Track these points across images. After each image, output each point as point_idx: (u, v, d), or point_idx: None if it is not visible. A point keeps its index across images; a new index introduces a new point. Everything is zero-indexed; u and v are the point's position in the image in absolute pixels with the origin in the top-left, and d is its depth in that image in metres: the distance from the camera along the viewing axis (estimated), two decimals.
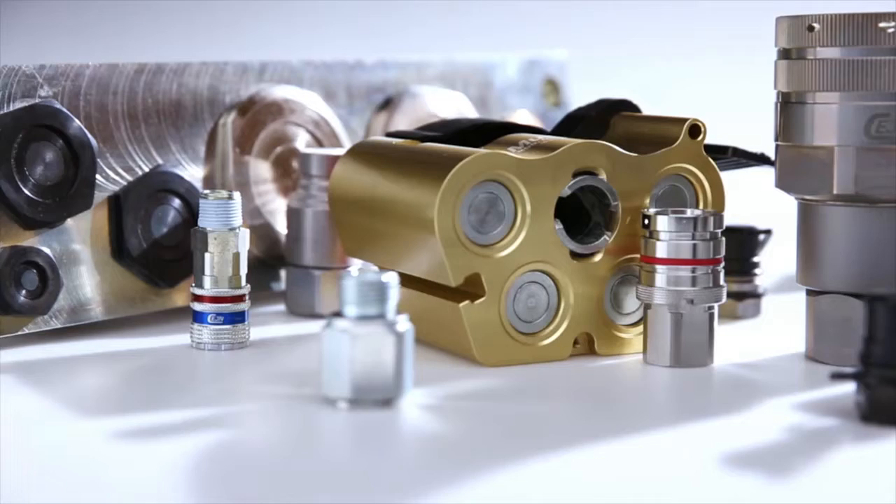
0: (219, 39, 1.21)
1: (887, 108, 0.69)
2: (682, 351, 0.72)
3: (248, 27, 1.22)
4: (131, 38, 1.16)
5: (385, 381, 0.62)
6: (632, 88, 1.17)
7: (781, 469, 0.54)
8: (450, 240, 0.70)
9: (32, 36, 1.18)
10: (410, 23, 1.25)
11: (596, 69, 1.14)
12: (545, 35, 1.25)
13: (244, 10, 1.21)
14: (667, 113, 0.78)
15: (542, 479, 0.54)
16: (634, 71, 1.24)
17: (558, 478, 0.54)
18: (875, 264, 0.70)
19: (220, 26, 1.21)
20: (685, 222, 0.71)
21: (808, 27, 0.70)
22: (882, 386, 0.59)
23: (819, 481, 0.54)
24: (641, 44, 1.26)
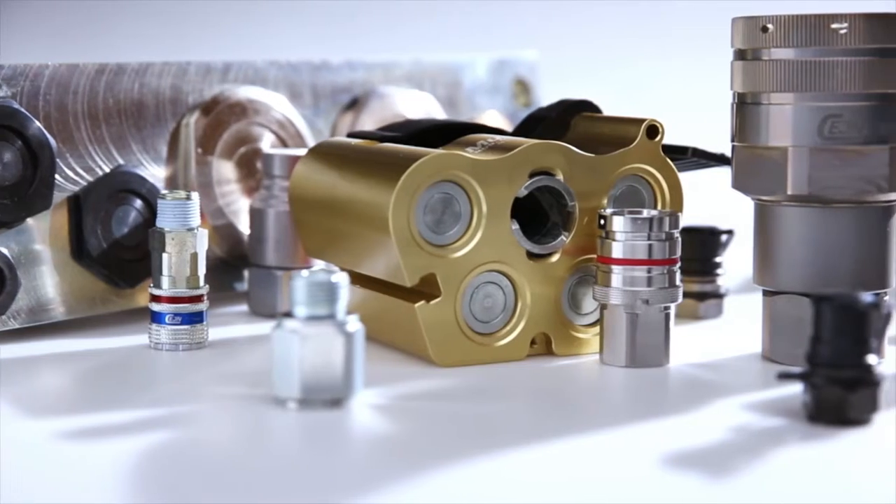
0: (182, 39, 1.21)
1: (840, 109, 0.69)
2: (638, 351, 0.72)
3: (213, 27, 1.21)
4: (92, 39, 1.16)
5: (334, 381, 0.62)
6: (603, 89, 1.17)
7: (722, 469, 0.55)
8: (405, 240, 0.70)
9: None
10: (378, 23, 1.25)
11: (567, 70, 1.14)
12: (516, 36, 1.25)
13: (208, 9, 1.21)
14: (635, 114, 0.78)
15: (489, 479, 0.55)
16: (606, 71, 1.24)
17: (505, 478, 0.55)
18: (830, 264, 0.71)
19: (184, 26, 1.21)
20: (640, 223, 0.71)
21: (762, 28, 0.70)
22: (827, 386, 0.59)
23: (760, 481, 0.54)
24: (613, 44, 1.26)
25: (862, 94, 0.69)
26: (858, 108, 0.69)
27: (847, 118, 0.69)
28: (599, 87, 1.21)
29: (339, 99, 0.94)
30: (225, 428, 0.62)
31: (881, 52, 0.69)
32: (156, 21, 1.19)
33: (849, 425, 0.60)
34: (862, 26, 0.69)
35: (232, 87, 0.87)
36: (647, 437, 0.59)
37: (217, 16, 1.21)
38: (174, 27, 1.19)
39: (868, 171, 0.69)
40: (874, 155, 0.69)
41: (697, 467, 0.55)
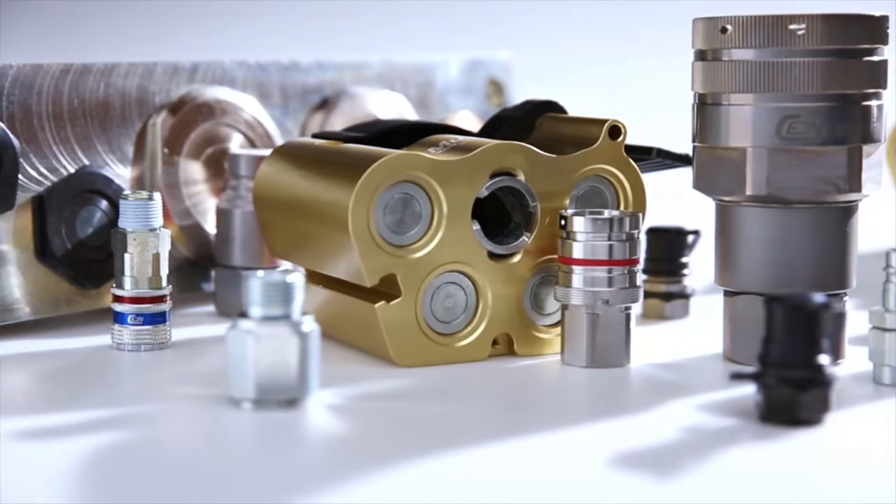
0: (149, 40, 1.21)
1: (798, 110, 0.69)
2: (598, 351, 0.72)
3: (180, 27, 1.21)
4: (57, 39, 1.16)
5: (289, 381, 0.62)
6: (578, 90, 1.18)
7: (669, 469, 0.55)
8: (365, 240, 0.70)
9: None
10: (349, 24, 1.25)
11: (541, 70, 1.14)
12: (489, 36, 1.25)
13: (176, 10, 1.21)
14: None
15: (439, 479, 0.55)
16: (581, 72, 1.24)
17: (454, 478, 0.55)
18: (790, 265, 0.71)
19: (151, 26, 1.21)
20: (601, 223, 0.71)
21: (721, 29, 0.70)
22: (779, 386, 0.60)
23: (707, 481, 0.54)
24: (587, 45, 1.26)
25: (820, 94, 0.69)
26: (816, 109, 0.69)
27: (805, 119, 0.69)
28: (574, 88, 1.21)
29: (309, 99, 0.94)
30: (178, 428, 0.62)
31: (839, 52, 0.69)
32: (123, 22, 1.19)
33: (800, 425, 0.60)
34: (820, 27, 0.69)
35: (200, 88, 0.87)
36: (598, 438, 0.59)
37: (185, 16, 1.21)
38: (141, 28, 1.19)
39: (826, 172, 0.70)
40: (832, 155, 0.69)
41: (645, 467, 0.55)
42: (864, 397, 0.66)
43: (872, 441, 0.59)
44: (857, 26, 0.69)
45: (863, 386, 0.68)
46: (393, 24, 1.25)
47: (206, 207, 0.87)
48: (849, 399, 0.65)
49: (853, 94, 0.70)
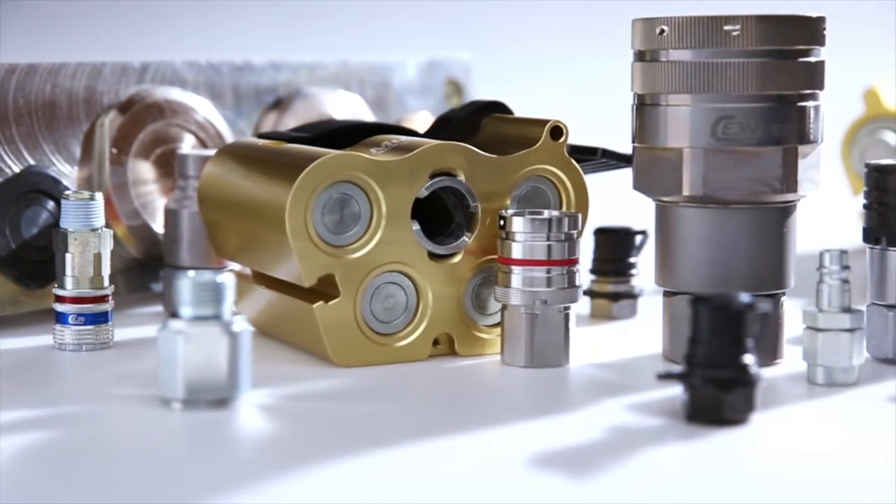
0: (98, 40, 1.20)
1: (733, 110, 0.69)
2: (537, 351, 0.72)
3: (130, 27, 1.21)
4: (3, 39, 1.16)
5: (219, 381, 0.62)
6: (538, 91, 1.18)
7: (586, 468, 0.55)
8: (302, 241, 0.70)
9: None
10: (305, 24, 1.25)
11: (500, 71, 1.14)
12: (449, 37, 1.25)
13: (126, 9, 1.21)
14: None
15: (359, 479, 0.55)
16: (540, 73, 1.24)
17: (373, 478, 0.55)
18: (727, 265, 0.71)
19: (100, 26, 1.21)
20: (539, 223, 0.72)
21: (657, 30, 0.71)
22: (704, 386, 0.60)
23: (622, 480, 0.54)
24: (548, 45, 1.26)
25: (755, 95, 0.69)
26: (751, 110, 0.69)
27: (740, 119, 0.69)
28: (534, 89, 1.21)
29: (262, 100, 0.94)
30: (107, 428, 0.62)
31: (775, 53, 0.69)
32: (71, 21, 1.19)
33: (725, 425, 0.60)
34: (755, 28, 0.69)
35: (150, 88, 0.87)
36: (522, 438, 0.60)
37: (135, 16, 1.21)
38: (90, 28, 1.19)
39: (762, 172, 0.70)
40: (767, 156, 0.70)
41: (562, 467, 0.55)
42: (795, 397, 0.66)
43: (796, 441, 0.60)
44: (792, 27, 0.70)
45: (797, 386, 0.68)
46: (350, 25, 1.25)
47: (156, 208, 0.87)
48: (781, 399, 0.66)
49: (789, 95, 0.70)
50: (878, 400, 0.65)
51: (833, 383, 0.67)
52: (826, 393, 0.66)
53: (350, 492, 0.54)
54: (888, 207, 0.71)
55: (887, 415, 0.63)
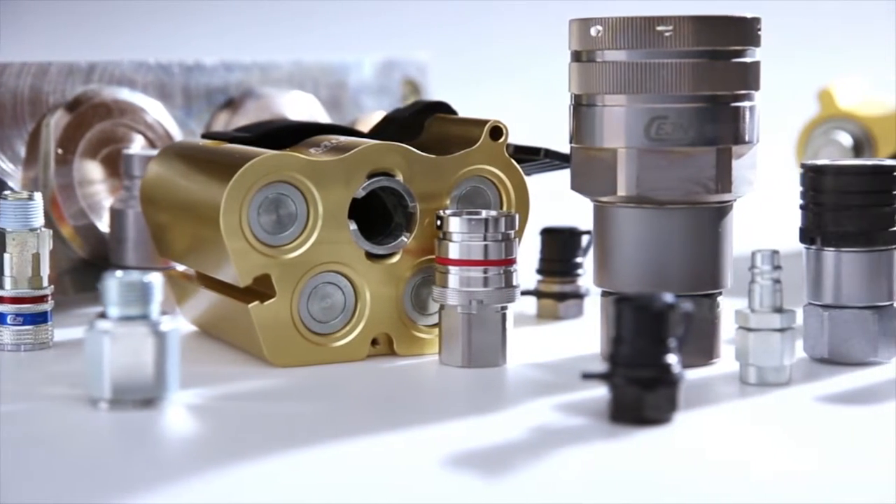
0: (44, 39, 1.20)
1: (666, 111, 0.69)
2: (474, 351, 0.72)
3: (77, 27, 1.21)
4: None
5: (145, 381, 0.62)
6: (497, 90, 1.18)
7: (500, 468, 0.55)
8: (236, 240, 0.70)
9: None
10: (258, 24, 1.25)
11: (459, 71, 1.14)
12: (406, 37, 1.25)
13: (73, 8, 1.21)
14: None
15: (274, 479, 0.55)
16: (499, 74, 1.24)
17: (286, 479, 0.55)
18: (663, 265, 0.71)
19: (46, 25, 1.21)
20: (475, 223, 0.72)
21: (591, 30, 0.71)
22: (626, 386, 0.60)
23: (535, 480, 0.54)
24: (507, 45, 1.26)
25: (688, 95, 0.69)
26: (684, 110, 0.69)
27: (673, 120, 0.69)
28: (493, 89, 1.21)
29: (213, 100, 0.94)
30: (34, 428, 0.62)
31: (709, 53, 0.69)
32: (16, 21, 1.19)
33: (647, 424, 0.60)
34: (688, 28, 0.69)
35: (97, 87, 0.87)
36: (442, 438, 0.60)
37: (82, 15, 1.21)
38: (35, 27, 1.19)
39: (695, 173, 0.70)
40: (701, 156, 0.70)
41: (476, 467, 0.55)
42: (725, 396, 0.66)
43: (717, 440, 0.60)
44: (726, 28, 0.70)
45: (729, 385, 0.68)
46: (304, 25, 1.25)
47: (104, 208, 0.87)
48: (711, 398, 0.66)
49: (723, 96, 0.70)
50: (806, 400, 0.65)
51: (765, 383, 0.67)
52: (756, 392, 0.67)
53: (263, 492, 0.54)
54: (823, 207, 0.71)
55: (814, 415, 0.64)
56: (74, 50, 1.14)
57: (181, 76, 0.92)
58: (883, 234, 0.71)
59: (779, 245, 0.78)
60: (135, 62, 0.90)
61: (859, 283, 0.71)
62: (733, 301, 0.73)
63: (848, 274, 0.71)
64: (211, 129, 0.93)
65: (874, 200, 0.71)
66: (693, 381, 0.68)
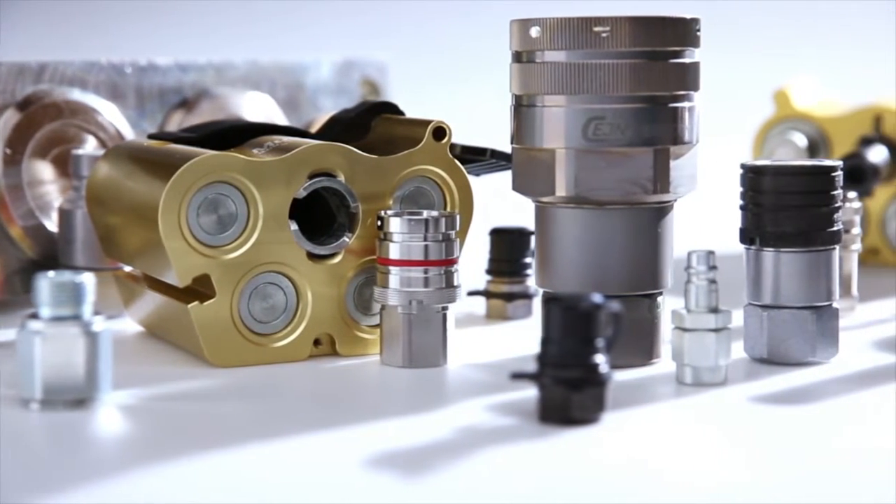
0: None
1: (603, 111, 0.69)
2: (415, 352, 0.72)
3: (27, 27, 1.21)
4: None
5: (77, 381, 0.63)
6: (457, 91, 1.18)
7: (418, 469, 0.55)
8: (175, 241, 0.71)
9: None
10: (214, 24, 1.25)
11: (419, 71, 1.14)
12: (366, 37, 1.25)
13: (23, 8, 1.21)
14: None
15: (198, 479, 0.55)
16: (458, 73, 1.24)
17: (205, 480, 0.55)
18: (603, 266, 0.71)
19: None
20: (416, 224, 0.72)
21: (530, 31, 0.71)
22: (553, 386, 0.60)
23: (453, 480, 0.54)
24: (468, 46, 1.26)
25: (625, 96, 0.69)
26: (621, 111, 0.69)
27: (610, 120, 0.69)
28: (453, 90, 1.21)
29: (167, 101, 0.94)
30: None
31: (647, 54, 0.69)
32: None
33: (574, 424, 0.60)
34: (626, 29, 0.69)
35: (49, 87, 0.87)
36: (367, 438, 0.60)
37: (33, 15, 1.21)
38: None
39: (633, 173, 0.70)
40: (639, 157, 0.70)
41: (395, 467, 0.55)
42: (659, 397, 0.66)
43: (644, 441, 0.60)
44: (663, 29, 0.70)
45: (665, 386, 0.68)
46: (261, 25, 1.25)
47: (54, 208, 0.87)
48: (645, 398, 0.66)
49: (661, 96, 0.70)
50: (740, 400, 0.65)
51: (700, 383, 0.67)
52: (691, 392, 0.67)
53: (182, 493, 0.54)
54: (762, 208, 0.71)
55: (745, 414, 0.64)
56: (25, 50, 1.14)
57: (134, 76, 0.92)
58: (821, 235, 0.71)
59: (725, 245, 0.78)
60: (87, 62, 0.90)
61: (798, 283, 0.71)
62: (678, 301, 0.73)
63: (787, 274, 0.71)
64: (164, 129, 0.93)
65: (812, 201, 0.71)
66: (630, 381, 0.69)
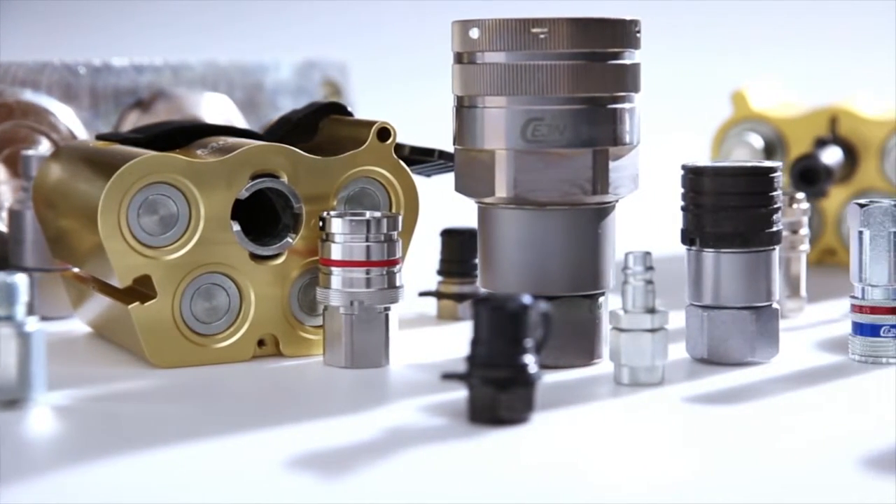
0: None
1: (541, 112, 0.70)
2: (357, 352, 0.72)
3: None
4: None
5: (8, 382, 0.63)
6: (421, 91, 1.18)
7: (337, 469, 0.55)
8: (115, 241, 0.71)
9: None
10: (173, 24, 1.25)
11: (379, 71, 1.14)
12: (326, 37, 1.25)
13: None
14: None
15: (118, 479, 0.55)
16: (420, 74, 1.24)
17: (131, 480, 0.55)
18: (544, 266, 0.71)
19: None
20: (357, 224, 0.72)
21: (469, 32, 0.71)
22: (481, 386, 0.60)
23: (374, 480, 0.54)
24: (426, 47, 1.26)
25: (564, 97, 0.69)
26: (559, 112, 0.69)
27: (549, 121, 0.70)
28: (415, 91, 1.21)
29: (122, 102, 0.94)
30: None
31: (586, 55, 0.70)
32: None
33: (502, 425, 0.60)
34: (564, 30, 0.69)
35: (1, 88, 0.87)
36: (294, 438, 0.60)
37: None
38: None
39: (572, 174, 0.70)
40: (577, 158, 0.70)
41: (315, 468, 0.55)
42: (594, 396, 0.66)
43: (571, 441, 0.60)
44: (602, 30, 0.70)
45: (602, 386, 0.68)
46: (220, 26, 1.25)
47: (4, 208, 0.87)
48: (580, 398, 0.66)
49: (600, 97, 0.70)
50: (673, 400, 0.66)
51: (637, 383, 0.68)
52: (627, 393, 0.67)
53: (106, 493, 0.54)
54: (703, 209, 0.72)
55: (677, 414, 0.64)
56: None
57: (88, 77, 0.92)
58: (760, 235, 0.71)
59: (671, 246, 0.78)
60: (39, 62, 0.90)
61: (738, 283, 0.71)
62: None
63: (727, 275, 0.71)
64: (119, 130, 0.93)
65: (751, 202, 0.71)
66: (568, 381, 0.69)
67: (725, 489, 0.54)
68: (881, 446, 0.58)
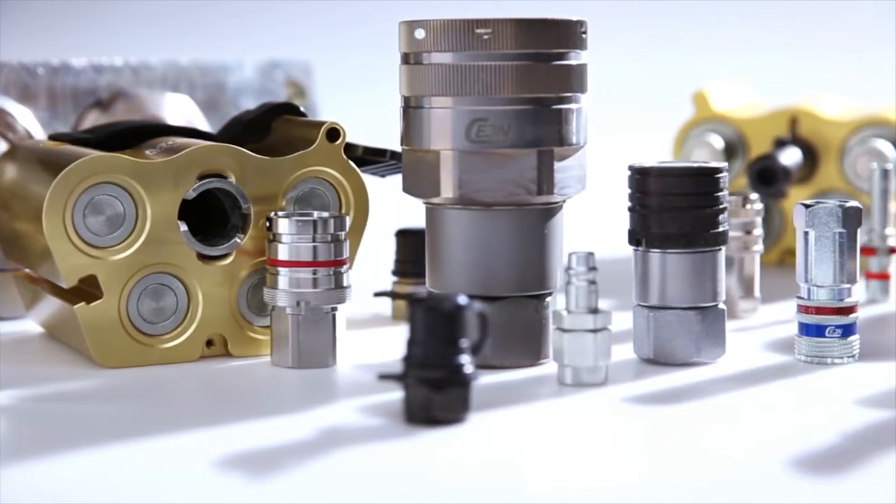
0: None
1: (485, 113, 0.70)
2: (304, 352, 0.72)
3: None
4: None
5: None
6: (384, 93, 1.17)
7: (270, 469, 0.55)
8: (60, 241, 0.71)
9: None
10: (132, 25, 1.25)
11: (345, 71, 1.14)
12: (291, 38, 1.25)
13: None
14: None
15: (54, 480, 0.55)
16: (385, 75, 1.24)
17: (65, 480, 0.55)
18: (491, 267, 0.71)
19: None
20: (304, 225, 0.72)
21: (414, 33, 0.71)
22: (417, 386, 0.60)
23: (303, 480, 0.55)
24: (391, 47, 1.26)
25: (508, 98, 0.69)
26: (503, 112, 0.70)
27: (492, 122, 0.70)
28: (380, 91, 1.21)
29: (81, 102, 0.94)
30: None
31: (530, 56, 0.70)
32: None
33: (437, 425, 0.60)
34: (508, 31, 0.69)
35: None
36: (227, 439, 0.60)
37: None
38: None
39: (517, 175, 0.70)
40: (521, 158, 0.70)
41: (243, 468, 0.56)
42: (535, 397, 0.66)
43: (507, 441, 0.60)
44: (546, 30, 0.70)
45: (545, 386, 0.68)
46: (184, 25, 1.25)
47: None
48: (521, 399, 0.66)
49: (545, 98, 0.70)
50: (614, 400, 0.66)
51: (580, 383, 0.68)
52: (570, 393, 0.67)
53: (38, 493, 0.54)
54: (649, 209, 0.72)
55: (618, 414, 0.64)
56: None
57: (46, 77, 0.92)
58: (706, 236, 0.71)
59: (621, 246, 0.78)
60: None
61: (683, 284, 0.71)
62: None
63: (672, 275, 0.71)
64: (78, 130, 0.93)
65: (697, 202, 0.71)
66: (511, 381, 0.69)
67: (664, 490, 0.54)
68: (822, 446, 0.58)
